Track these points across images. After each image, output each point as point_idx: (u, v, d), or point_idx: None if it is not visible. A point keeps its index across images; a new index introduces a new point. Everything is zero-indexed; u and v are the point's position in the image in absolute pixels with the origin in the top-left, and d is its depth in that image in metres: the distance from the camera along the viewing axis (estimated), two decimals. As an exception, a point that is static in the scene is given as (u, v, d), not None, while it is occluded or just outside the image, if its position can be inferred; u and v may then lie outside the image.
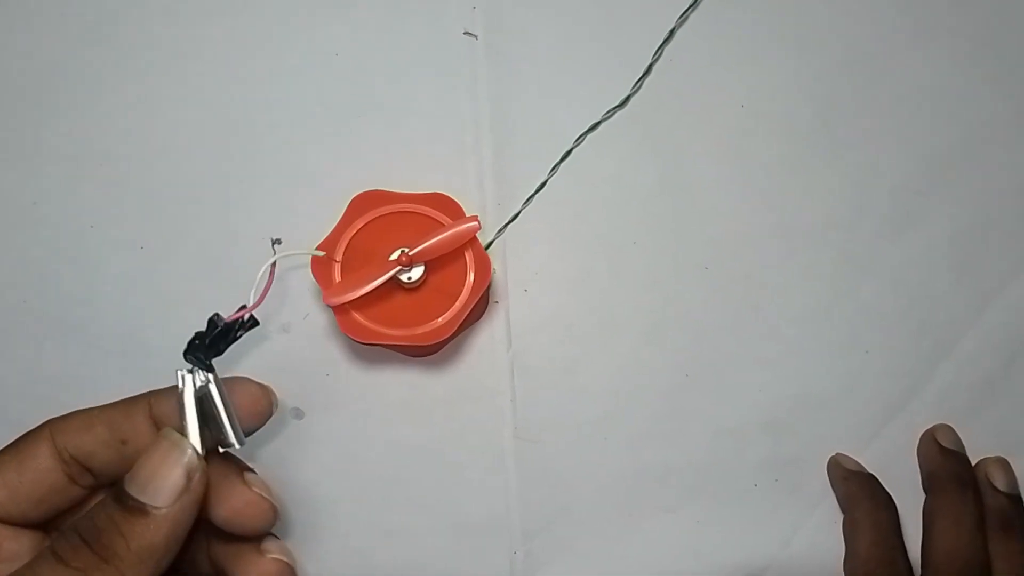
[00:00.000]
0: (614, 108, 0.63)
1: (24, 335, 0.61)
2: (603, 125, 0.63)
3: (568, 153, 0.63)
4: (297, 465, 0.60)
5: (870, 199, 0.62)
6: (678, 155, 0.63)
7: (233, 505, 0.48)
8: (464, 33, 0.64)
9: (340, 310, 0.56)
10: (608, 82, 0.63)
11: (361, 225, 0.58)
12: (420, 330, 0.56)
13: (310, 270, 0.57)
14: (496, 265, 0.61)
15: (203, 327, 0.58)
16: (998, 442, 0.60)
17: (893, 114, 0.63)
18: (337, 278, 0.57)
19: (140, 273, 0.61)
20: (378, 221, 0.58)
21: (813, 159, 0.63)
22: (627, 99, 0.63)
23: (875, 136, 0.63)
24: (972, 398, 0.60)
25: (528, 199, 0.62)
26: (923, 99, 0.63)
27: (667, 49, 0.64)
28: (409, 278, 0.56)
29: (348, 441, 0.60)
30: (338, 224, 0.58)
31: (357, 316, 0.56)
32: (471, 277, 0.57)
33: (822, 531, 0.59)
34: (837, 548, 0.58)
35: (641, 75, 0.63)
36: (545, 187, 0.62)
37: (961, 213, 0.62)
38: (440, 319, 0.56)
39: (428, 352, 0.60)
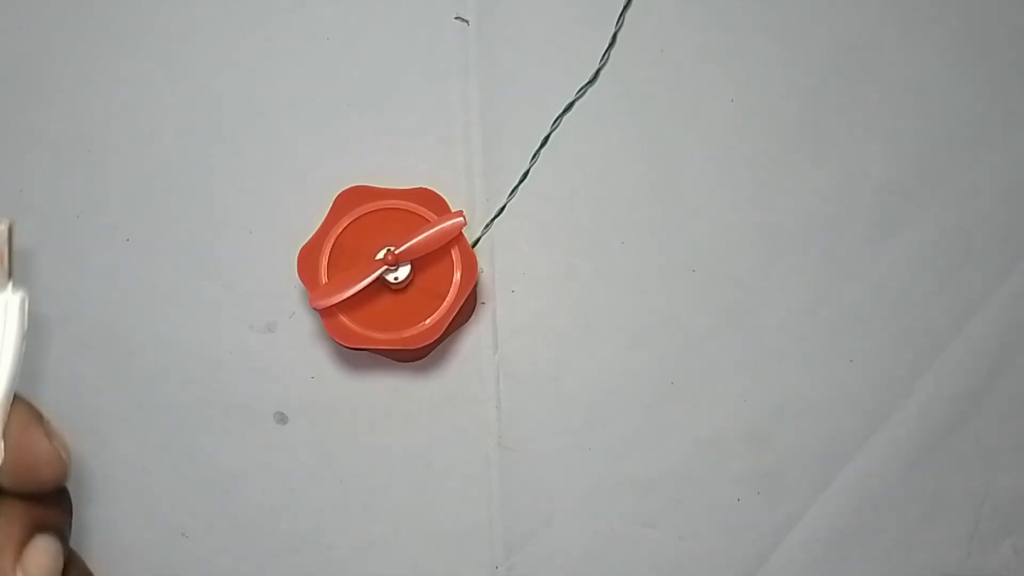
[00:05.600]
0: (585, 85, 0.63)
1: (6, 329, 0.60)
2: (593, 117, 0.63)
3: (547, 138, 0.62)
4: (279, 472, 0.60)
5: (855, 200, 0.62)
6: (667, 150, 0.62)
7: (26, 458, 0.37)
8: (455, 18, 0.63)
9: (327, 313, 0.56)
10: (604, 74, 0.63)
11: (347, 223, 0.57)
12: (408, 333, 0.56)
13: (296, 270, 0.57)
14: (483, 264, 0.61)
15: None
16: (980, 455, 0.60)
17: (880, 111, 0.63)
18: (324, 279, 0.57)
19: (125, 267, 0.61)
20: (364, 219, 0.57)
21: (800, 157, 0.62)
22: (596, 74, 0.63)
23: (861, 134, 0.63)
24: (954, 410, 0.60)
25: (512, 191, 0.62)
26: (910, 96, 0.63)
27: (660, 40, 0.63)
28: (396, 278, 0.56)
29: (332, 447, 0.60)
30: (324, 222, 0.57)
31: (344, 319, 0.56)
32: (458, 276, 0.57)
33: (800, 548, 0.59)
34: (814, 564, 0.59)
35: (606, 48, 0.63)
36: (534, 184, 0.62)
37: (946, 216, 0.62)
38: (428, 321, 0.56)
39: (416, 356, 0.60)
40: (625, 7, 0.63)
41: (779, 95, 0.63)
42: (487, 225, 0.62)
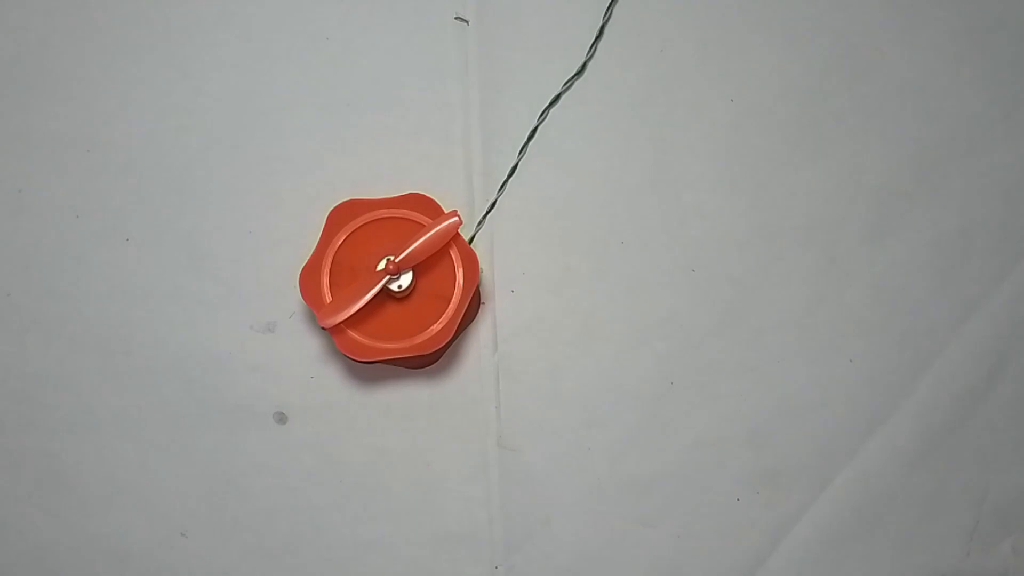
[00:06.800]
0: (572, 77, 0.63)
1: (6, 329, 0.60)
2: (594, 117, 0.63)
3: (534, 131, 0.62)
4: (279, 472, 0.59)
5: (855, 199, 0.62)
6: (667, 150, 0.62)
7: None
8: (455, 18, 0.63)
9: (336, 330, 0.56)
10: (604, 71, 0.63)
11: (343, 239, 0.57)
12: (419, 339, 0.56)
13: (298, 291, 0.57)
14: (483, 265, 0.61)
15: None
16: (980, 455, 0.60)
17: (880, 111, 0.63)
18: (327, 297, 0.57)
19: (124, 266, 0.61)
20: (358, 232, 0.57)
21: (800, 156, 0.62)
22: (583, 67, 0.63)
23: (861, 134, 0.63)
24: (955, 410, 0.60)
25: (501, 185, 0.62)
26: (909, 96, 0.63)
27: (660, 40, 0.63)
28: (399, 286, 0.56)
29: (331, 447, 0.60)
30: (319, 241, 0.57)
31: (354, 334, 0.56)
32: (460, 276, 0.57)
33: (800, 548, 0.59)
34: (814, 564, 0.59)
35: (593, 41, 0.63)
36: (534, 185, 0.62)
37: (945, 216, 0.62)
38: (437, 324, 0.56)
39: (428, 362, 0.60)
40: (612, 1, 0.63)
41: (779, 95, 0.63)
42: (480, 221, 0.62)
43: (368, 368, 0.60)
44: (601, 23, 0.63)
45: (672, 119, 0.63)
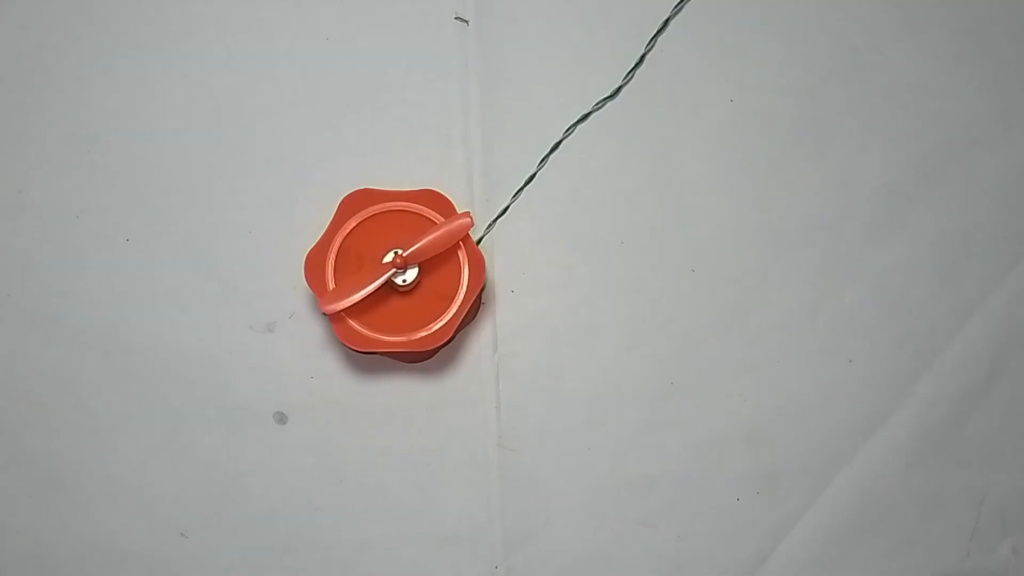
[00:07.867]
0: (605, 99, 0.63)
1: (6, 330, 0.60)
2: (593, 117, 0.63)
3: (557, 144, 0.62)
4: (279, 472, 0.59)
5: (855, 200, 0.62)
6: (667, 151, 0.62)
7: None
8: (455, 18, 0.63)
9: (336, 318, 0.56)
10: (600, 71, 0.63)
11: (352, 227, 0.57)
12: (418, 335, 0.56)
13: (303, 275, 0.57)
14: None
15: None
16: (980, 455, 0.60)
17: (880, 111, 0.63)
18: (331, 283, 0.57)
19: (125, 267, 0.61)
20: (369, 221, 0.57)
21: (800, 157, 0.63)
22: (619, 89, 0.63)
23: (861, 134, 0.63)
24: (954, 410, 0.60)
25: (517, 192, 0.62)
26: (910, 96, 0.63)
27: (660, 39, 0.63)
28: (404, 281, 0.56)
29: (331, 447, 0.60)
30: (329, 225, 0.57)
31: (354, 324, 0.56)
32: (466, 277, 0.57)
33: (800, 548, 0.59)
34: (813, 564, 0.59)
35: (634, 65, 0.63)
36: (535, 186, 0.62)
37: (945, 217, 0.62)
38: (437, 322, 0.56)
39: (424, 357, 0.60)
40: (658, 32, 0.64)
41: (779, 95, 0.63)
42: (490, 224, 0.62)
43: (368, 368, 0.60)
44: (643, 52, 0.63)
45: (672, 119, 0.63)
